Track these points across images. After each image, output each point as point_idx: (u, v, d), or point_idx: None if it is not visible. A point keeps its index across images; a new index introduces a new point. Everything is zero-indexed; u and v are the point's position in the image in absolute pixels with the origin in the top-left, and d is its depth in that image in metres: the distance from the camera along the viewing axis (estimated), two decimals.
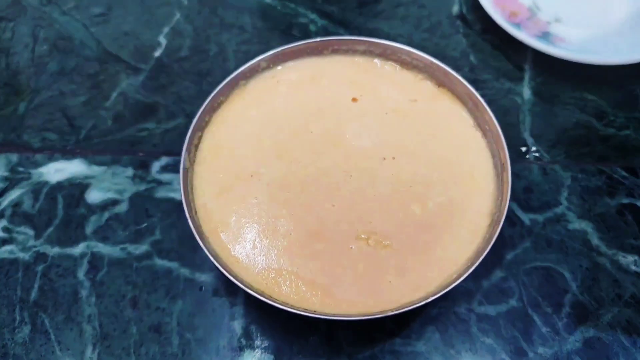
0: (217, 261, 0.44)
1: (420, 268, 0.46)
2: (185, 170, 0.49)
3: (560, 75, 0.69)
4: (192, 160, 0.51)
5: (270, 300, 0.43)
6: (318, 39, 0.56)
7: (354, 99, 0.55)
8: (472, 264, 0.43)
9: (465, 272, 0.43)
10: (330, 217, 0.48)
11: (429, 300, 0.42)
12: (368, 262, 0.46)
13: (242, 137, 0.53)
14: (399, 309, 0.42)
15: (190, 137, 0.50)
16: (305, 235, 0.47)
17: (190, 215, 0.46)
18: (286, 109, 0.55)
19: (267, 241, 0.47)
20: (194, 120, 0.51)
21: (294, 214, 0.48)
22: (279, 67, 0.57)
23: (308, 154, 0.51)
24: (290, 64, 0.57)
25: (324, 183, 0.50)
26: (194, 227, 0.45)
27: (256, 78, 0.56)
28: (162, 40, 0.73)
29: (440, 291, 0.42)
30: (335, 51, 0.57)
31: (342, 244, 0.47)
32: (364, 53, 0.57)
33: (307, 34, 0.73)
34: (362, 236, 0.47)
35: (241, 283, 0.43)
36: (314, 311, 0.44)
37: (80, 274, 0.56)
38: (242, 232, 0.48)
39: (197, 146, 0.52)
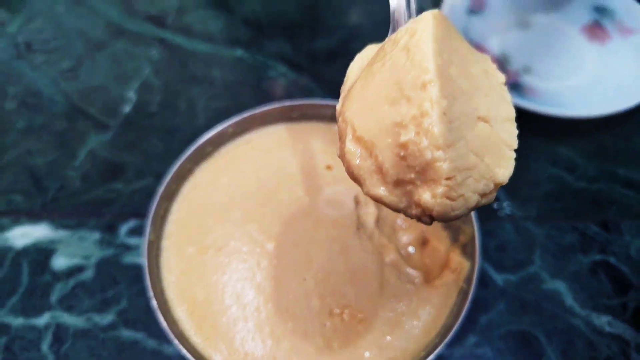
0: (182, 343, 0.43)
1: (396, 341, 0.45)
2: (151, 242, 0.48)
3: (531, 127, 0.68)
4: (158, 233, 0.50)
5: None
6: (287, 103, 0.56)
7: (329, 167, 0.54)
8: (448, 333, 0.43)
9: (437, 347, 0.42)
10: (301, 292, 0.47)
11: None
12: (344, 339, 0.45)
13: (211, 207, 0.52)
14: None
15: (156, 208, 0.49)
16: (275, 314, 0.46)
17: (155, 292, 0.45)
18: (257, 175, 0.54)
19: (240, 320, 0.46)
20: (160, 190, 0.50)
21: (264, 290, 0.47)
22: (253, 133, 0.56)
23: (277, 223, 0.50)
24: (266, 130, 0.57)
25: (294, 255, 0.49)
26: (159, 305, 0.44)
27: (228, 144, 0.56)
28: (132, 95, 0.72)
29: None
30: (304, 116, 0.57)
31: (315, 321, 0.46)
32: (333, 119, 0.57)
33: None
34: (336, 311, 0.46)
35: None
36: None
37: (45, 347, 0.54)
38: (210, 310, 0.46)
39: (163, 217, 0.51)
